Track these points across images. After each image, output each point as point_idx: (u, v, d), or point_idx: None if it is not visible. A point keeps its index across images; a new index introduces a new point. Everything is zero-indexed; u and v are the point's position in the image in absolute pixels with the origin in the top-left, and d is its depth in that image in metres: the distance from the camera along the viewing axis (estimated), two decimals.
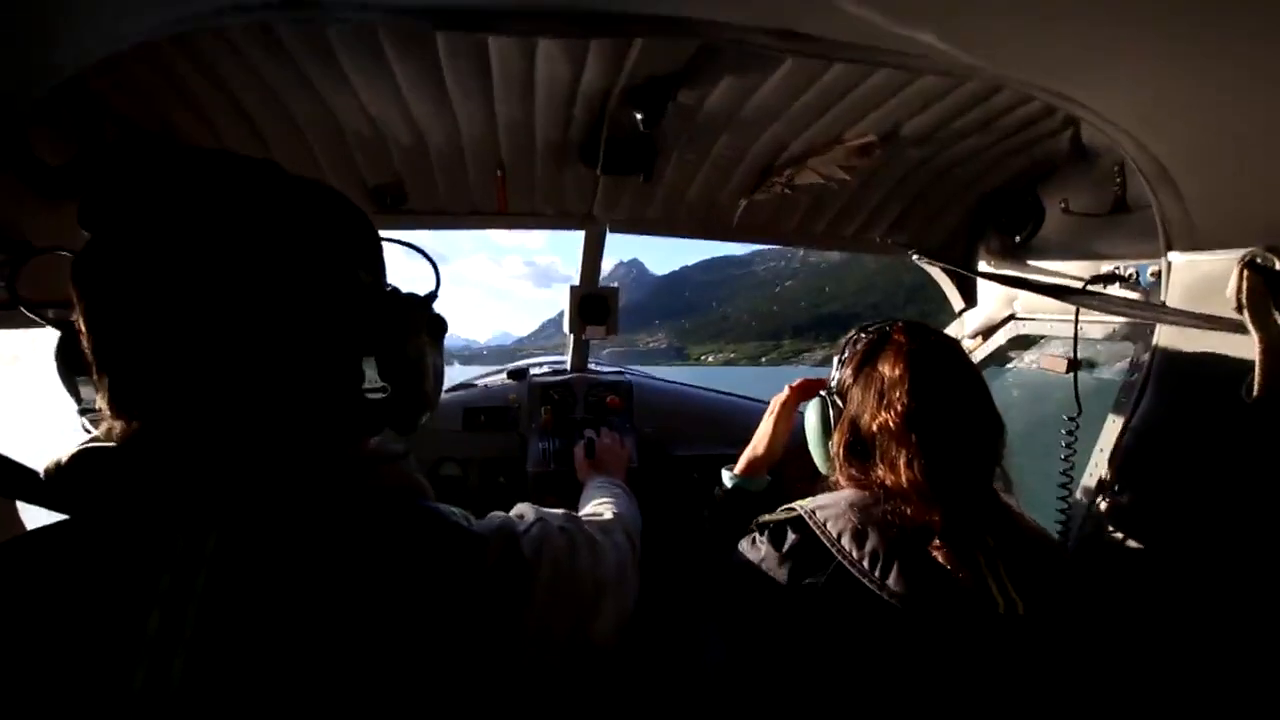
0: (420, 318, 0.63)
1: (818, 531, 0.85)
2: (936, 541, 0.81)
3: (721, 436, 1.97)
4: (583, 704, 0.65)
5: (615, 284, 2.15)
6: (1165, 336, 1.11)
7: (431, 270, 0.77)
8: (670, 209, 1.65)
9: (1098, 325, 1.32)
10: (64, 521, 0.51)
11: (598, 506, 0.97)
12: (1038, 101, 1.01)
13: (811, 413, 1.03)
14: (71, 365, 0.70)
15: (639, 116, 1.13)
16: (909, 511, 0.83)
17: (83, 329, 0.51)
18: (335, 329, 0.55)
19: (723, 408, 2.17)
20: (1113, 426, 1.19)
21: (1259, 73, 0.69)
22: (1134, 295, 1.21)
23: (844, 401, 0.96)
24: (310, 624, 0.48)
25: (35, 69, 0.69)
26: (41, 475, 0.53)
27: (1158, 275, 1.13)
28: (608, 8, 0.72)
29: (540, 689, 0.59)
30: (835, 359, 1.04)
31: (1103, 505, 1.17)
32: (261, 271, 0.52)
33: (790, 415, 1.22)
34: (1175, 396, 1.10)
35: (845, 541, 0.82)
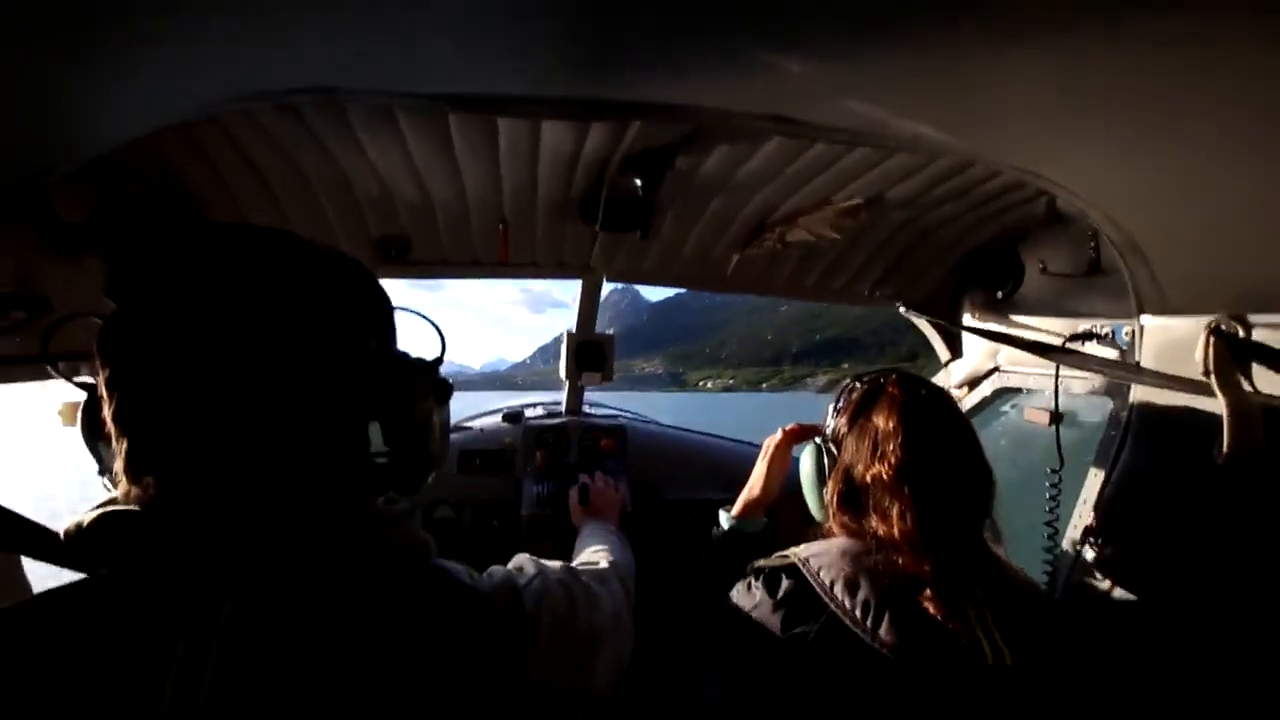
0: (426, 382, 0.66)
1: (811, 580, 0.87)
2: (927, 592, 0.82)
3: (714, 480, 1.98)
4: None
5: (611, 329, 2.18)
6: (1141, 394, 1.15)
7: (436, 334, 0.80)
8: (666, 262, 1.70)
9: (1078, 380, 1.36)
10: (82, 582, 0.52)
11: (593, 555, 0.97)
12: None
13: (807, 460, 1.04)
14: (96, 428, 0.71)
15: (638, 182, 1.19)
16: (900, 562, 0.84)
17: (104, 393, 0.53)
18: (346, 395, 0.58)
19: (716, 451, 2.19)
20: (1094, 480, 1.22)
21: (1222, 155, 0.74)
22: (1111, 353, 1.25)
23: (838, 450, 0.98)
24: (321, 689, 0.49)
25: (66, 148, 0.73)
26: (61, 536, 0.54)
27: (1133, 335, 1.18)
28: (608, 95, 0.77)
29: None
30: (830, 407, 1.06)
31: (1086, 556, 1.19)
32: (280, 344, 0.54)
33: (784, 458, 1.24)
34: (1152, 452, 1.14)
35: (838, 590, 0.84)
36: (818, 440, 1.04)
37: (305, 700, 0.48)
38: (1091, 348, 1.28)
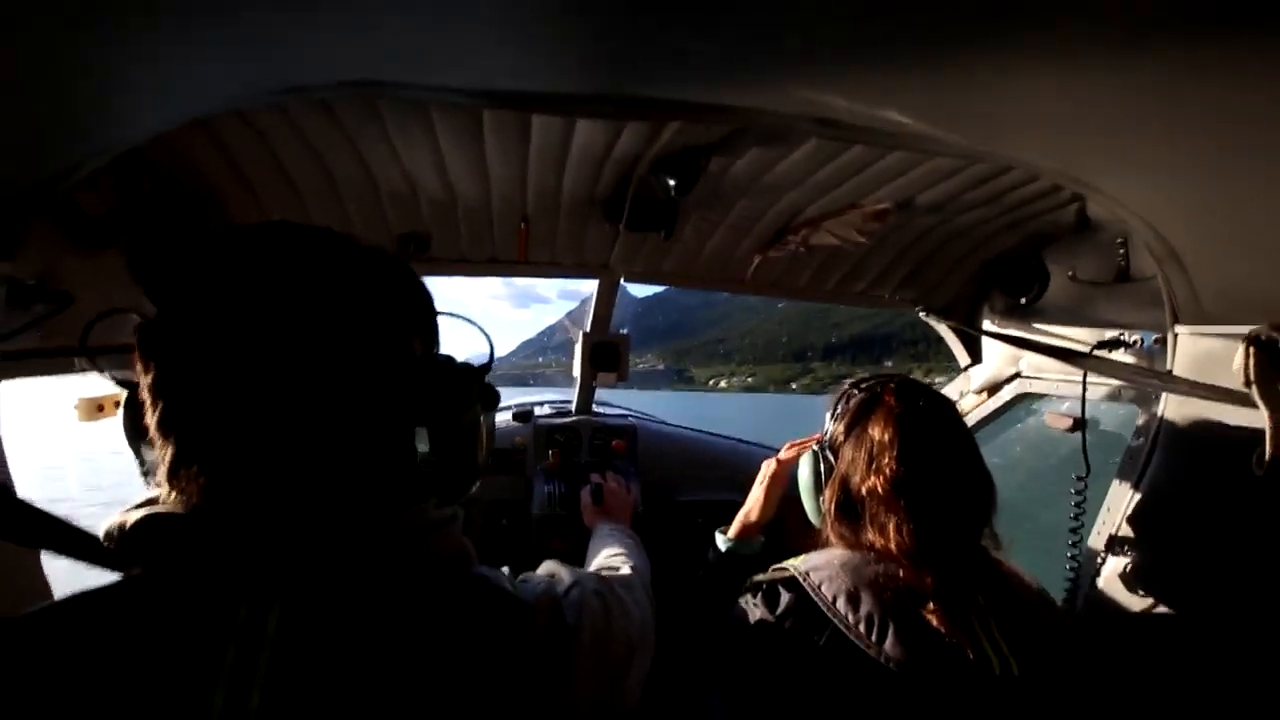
0: (472, 389, 0.64)
1: (812, 594, 0.85)
2: (930, 604, 0.81)
3: (726, 482, 1.97)
4: None
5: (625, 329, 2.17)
6: (1171, 404, 1.14)
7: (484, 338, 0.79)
8: (685, 262, 1.69)
9: (1099, 388, 1.35)
10: (122, 584, 0.51)
11: (612, 559, 0.96)
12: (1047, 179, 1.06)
13: (804, 466, 1.03)
14: (140, 428, 0.70)
15: (671, 183, 1.17)
16: (901, 574, 0.83)
17: (147, 396, 0.52)
18: (391, 400, 0.57)
19: (727, 452, 2.18)
20: (1119, 490, 1.22)
21: (1267, 166, 0.73)
22: (1139, 362, 1.24)
23: (835, 458, 0.97)
24: (370, 699, 0.48)
25: (95, 144, 0.71)
26: (102, 536, 0.53)
27: (1161, 343, 1.16)
28: (649, 93, 0.75)
29: None
30: (828, 413, 1.05)
31: (1109, 566, 1.18)
32: (328, 347, 0.53)
33: (781, 483, 1.23)
34: (1182, 463, 1.13)
35: (840, 605, 0.82)
36: (815, 447, 1.02)
37: (354, 710, 0.47)
38: (1119, 356, 1.27)
